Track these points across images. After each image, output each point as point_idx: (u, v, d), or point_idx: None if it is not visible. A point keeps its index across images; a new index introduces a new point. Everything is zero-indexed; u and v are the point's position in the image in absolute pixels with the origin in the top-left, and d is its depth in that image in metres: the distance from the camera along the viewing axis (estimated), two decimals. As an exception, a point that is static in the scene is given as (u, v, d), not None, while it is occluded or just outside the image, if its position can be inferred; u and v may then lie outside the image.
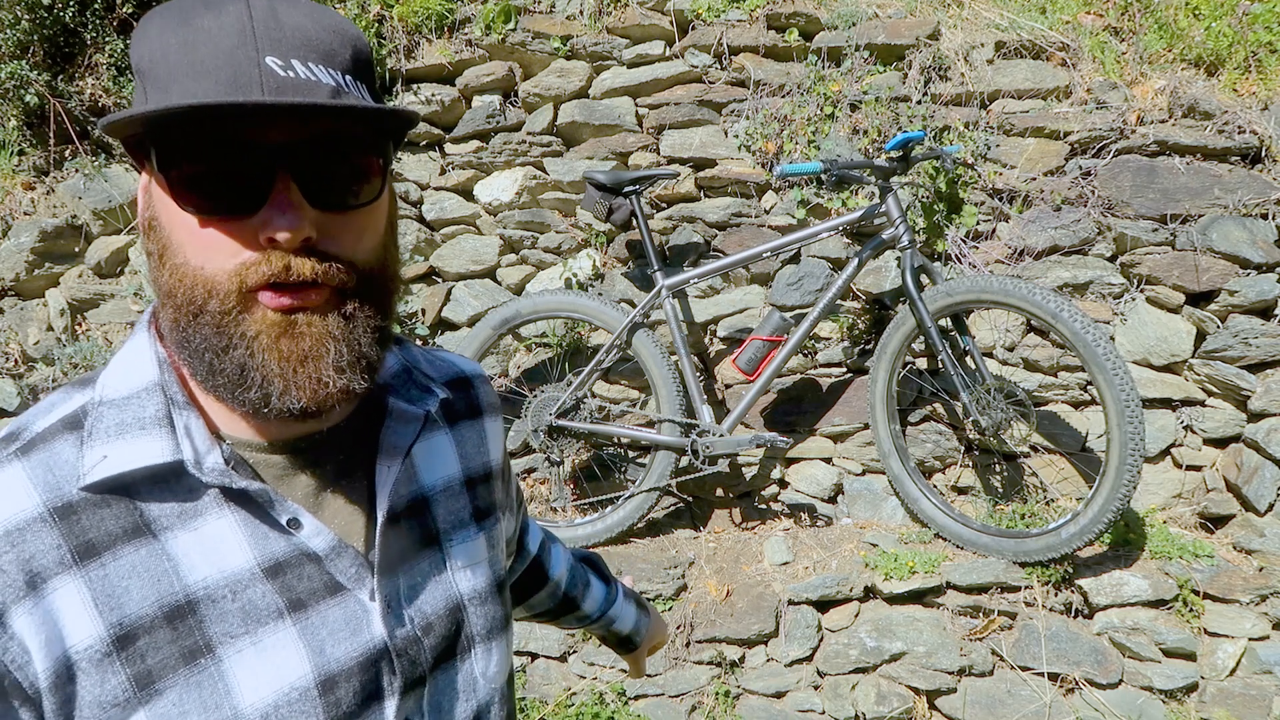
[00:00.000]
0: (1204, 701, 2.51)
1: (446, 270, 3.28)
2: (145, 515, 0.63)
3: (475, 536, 0.80)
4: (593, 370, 2.95)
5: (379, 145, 0.64)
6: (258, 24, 0.58)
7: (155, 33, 0.59)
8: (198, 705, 0.62)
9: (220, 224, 0.59)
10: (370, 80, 0.65)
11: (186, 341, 0.62)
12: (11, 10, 3.01)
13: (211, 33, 0.57)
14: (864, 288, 2.99)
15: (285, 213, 0.58)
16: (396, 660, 0.70)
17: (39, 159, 3.24)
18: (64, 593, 0.60)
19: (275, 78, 0.57)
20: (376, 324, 0.65)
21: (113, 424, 0.64)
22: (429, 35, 3.25)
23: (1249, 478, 2.71)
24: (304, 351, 0.61)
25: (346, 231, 0.63)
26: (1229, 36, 2.86)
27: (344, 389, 0.63)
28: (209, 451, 0.65)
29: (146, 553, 0.62)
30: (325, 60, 0.60)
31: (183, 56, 0.57)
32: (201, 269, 0.60)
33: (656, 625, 1.30)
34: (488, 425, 0.88)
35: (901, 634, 2.60)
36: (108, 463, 0.62)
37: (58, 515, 0.61)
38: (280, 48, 0.58)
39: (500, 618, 0.81)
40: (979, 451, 2.99)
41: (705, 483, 3.13)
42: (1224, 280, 2.72)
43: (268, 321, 0.60)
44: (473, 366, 0.91)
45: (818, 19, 3.06)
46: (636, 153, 3.15)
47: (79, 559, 0.60)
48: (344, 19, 0.63)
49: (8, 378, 3.08)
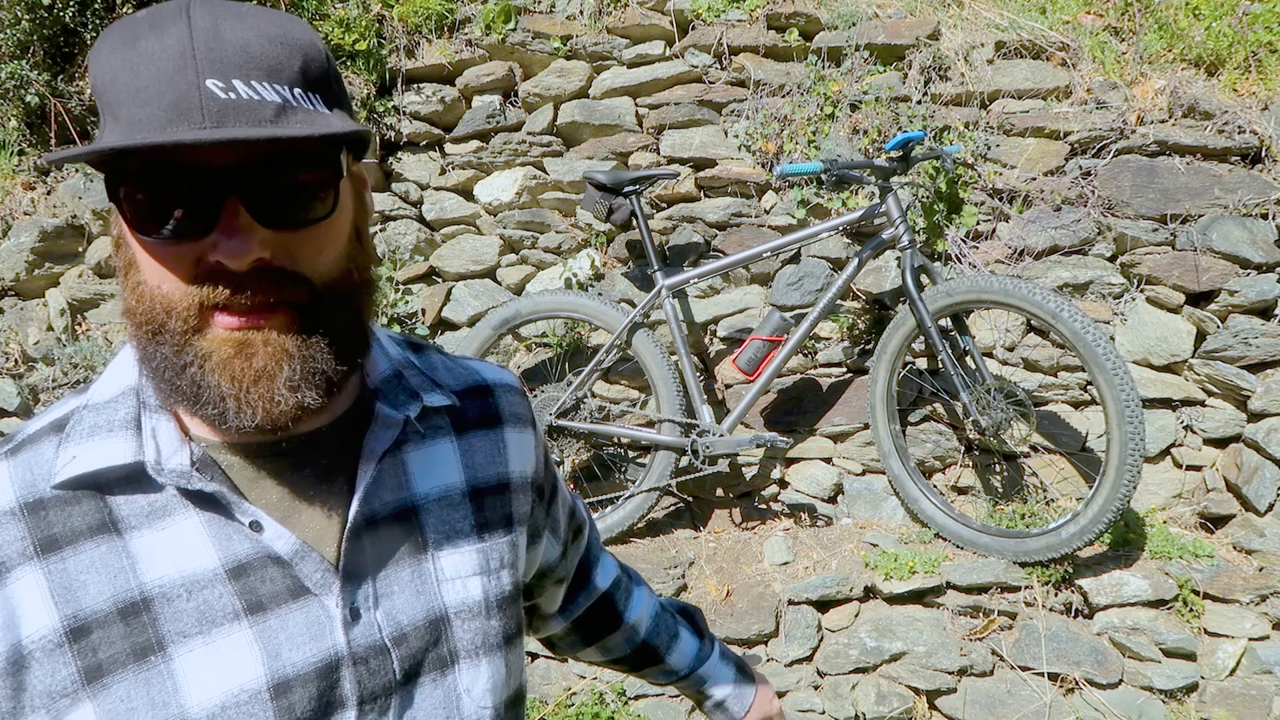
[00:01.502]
0: (1204, 701, 2.51)
1: (446, 270, 3.28)
2: (114, 513, 0.65)
3: (474, 549, 0.78)
4: (593, 370, 2.95)
5: (329, 158, 0.63)
6: (198, 44, 0.57)
7: (106, 54, 0.59)
8: (145, 702, 0.63)
9: (173, 247, 0.60)
10: (324, 88, 0.63)
11: (148, 359, 0.63)
12: (11, 10, 3.01)
13: (154, 56, 0.57)
14: (864, 288, 2.99)
15: (232, 237, 0.59)
16: (354, 668, 0.68)
17: (39, 159, 3.24)
18: (24, 583, 0.62)
19: (216, 101, 0.56)
20: (337, 337, 0.65)
21: (88, 427, 0.67)
22: (429, 35, 3.25)
23: (1249, 478, 2.71)
24: (256, 371, 0.61)
25: (303, 249, 0.63)
26: (1229, 36, 2.86)
27: (297, 405, 0.63)
28: (175, 453, 0.66)
29: (107, 549, 0.64)
30: (270, 76, 0.59)
31: (129, 81, 0.57)
32: (159, 288, 0.61)
33: (762, 698, 1.14)
34: (508, 436, 0.85)
35: (901, 634, 2.60)
36: (75, 463, 0.65)
37: (27, 510, 0.64)
38: (221, 68, 0.57)
39: (497, 634, 0.78)
40: (979, 451, 2.99)
41: (705, 483, 3.13)
42: (1224, 280, 2.72)
43: (219, 340, 0.61)
44: (499, 376, 0.89)
45: (818, 19, 3.06)
46: (636, 153, 3.15)
47: (40, 551, 0.63)
48: (295, 24, 0.62)
49: (8, 378, 3.08)
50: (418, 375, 0.80)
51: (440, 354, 0.87)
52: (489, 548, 0.79)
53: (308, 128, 0.59)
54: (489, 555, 0.79)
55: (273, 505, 0.69)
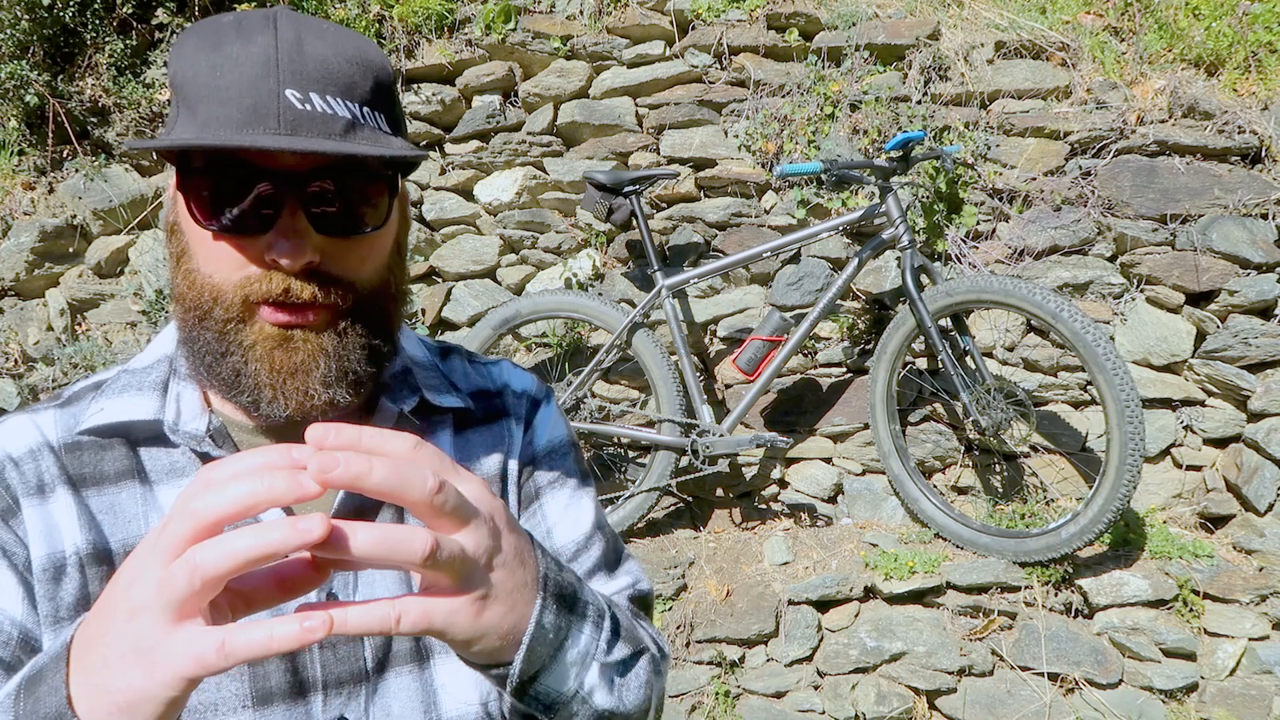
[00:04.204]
0: (1204, 701, 2.51)
1: (446, 270, 3.28)
2: (142, 464, 0.72)
3: None
4: (593, 370, 2.95)
5: (388, 176, 0.67)
6: (282, 55, 0.61)
7: (190, 51, 0.63)
8: None
9: (230, 240, 0.64)
10: (389, 108, 0.67)
11: (191, 342, 0.67)
12: (11, 10, 3.00)
13: (239, 61, 0.61)
14: (864, 288, 2.99)
15: (289, 239, 0.62)
16: (321, 652, 0.70)
17: (39, 159, 3.23)
18: (62, 504, 0.70)
19: (292, 110, 0.60)
20: (370, 341, 0.69)
21: (121, 386, 0.74)
22: (429, 35, 3.25)
23: (1249, 478, 2.71)
24: (295, 365, 0.66)
25: (350, 256, 0.67)
26: (1229, 36, 2.86)
27: (329, 402, 0.67)
28: (195, 418, 0.72)
29: (127, 495, 0.71)
30: (344, 93, 0.63)
31: (211, 80, 0.61)
32: (210, 277, 0.65)
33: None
34: (504, 432, 0.85)
35: (901, 634, 2.60)
36: (102, 414, 0.72)
37: (65, 449, 0.72)
38: (300, 80, 0.61)
39: None
40: (979, 451, 2.99)
41: (705, 483, 3.13)
42: (1224, 280, 2.72)
43: (265, 334, 0.65)
44: (514, 379, 0.89)
45: (818, 19, 3.06)
46: (636, 153, 3.15)
47: (73, 483, 0.71)
48: (371, 47, 0.67)
49: (8, 378, 3.08)
50: (434, 375, 0.83)
51: (466, 358, 0.90)
52: None
53: (374, 147, 0.63)
54: None
55: None
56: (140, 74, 3.19)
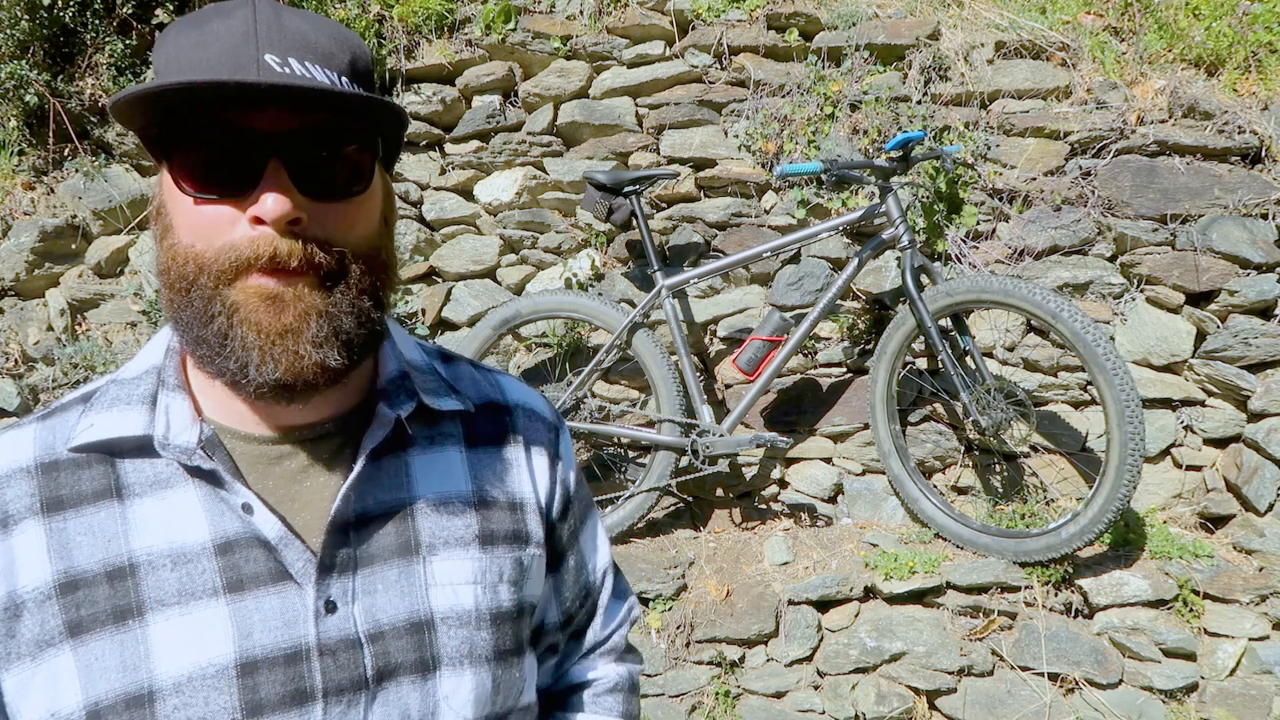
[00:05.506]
0: (1204, 701, 2.51)
1: (446, 270, 3.28)
2: (121, 480, 0.70)
3: (471, 558, 0.77)
4: (593, 370, 2.95)
5: (370, 141, 0.68)
6: (260, 26, 0.63)
7: (173, 35, 0.65)
8: (118, 663, 0.66)
9: (214, 204, 0.63)
10: (368, 87, 0.69)
11: (179, 318, 0.66)
12: (11, 10, 3.00)
13: (220, 34, 0.63)
14: (864, 288, 2.99)
15: (273, 192, 0.62)
16: (322, 659, 0.69)
17: (39, 159, 3.23)
18: (27, 536, 0.68)
19: (271, 72, 0.62)
20: (360, 304, 0.68)
21: (110, 399, 0.72)
22: (429, 35, 3.25)
23: (1249, 478, 2.71)
24: (284, 325, 0.64)
25: (338, 220, 0.66)
26: (1229, 36, 2.86)
27: (319, 364, 0.66)
28: (185, 430, 0.70)
29: (106, 514, 0.69)
30: (323, 61, 0.64)
31: (194, 54, 0.63)
32: (193, 246, 0.64)
33: None
34: (524, 457, 0.84)
35: (901, 634, 2.60)
36: (92, 430, 0.71)
37: (41, 470, 0.70)
38: (279, 47, 0.63)
39: (487, 647, 0.76)
40: (979, 451, 2.99)
41: (705, 483, 3.13)
42: (1224, 280, 2.72)
43: (250, 291, 0.63)
44: (525, 399, 0.89)
45: (818, 19, 3.06)
46: (636, 153, 3.15)
47: (46, 509, 0.69)
48: (347, 30, 0.69)
49: (8, 378, 3.08)
50: (433, 379, 0.81)
51: (475, 367, 0.89)
52: (489, 560, 0.78)
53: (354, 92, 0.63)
54: (487, 567, 0.78)
55: (269, 491, 0.71)
56: (140, 74, 3.18)
